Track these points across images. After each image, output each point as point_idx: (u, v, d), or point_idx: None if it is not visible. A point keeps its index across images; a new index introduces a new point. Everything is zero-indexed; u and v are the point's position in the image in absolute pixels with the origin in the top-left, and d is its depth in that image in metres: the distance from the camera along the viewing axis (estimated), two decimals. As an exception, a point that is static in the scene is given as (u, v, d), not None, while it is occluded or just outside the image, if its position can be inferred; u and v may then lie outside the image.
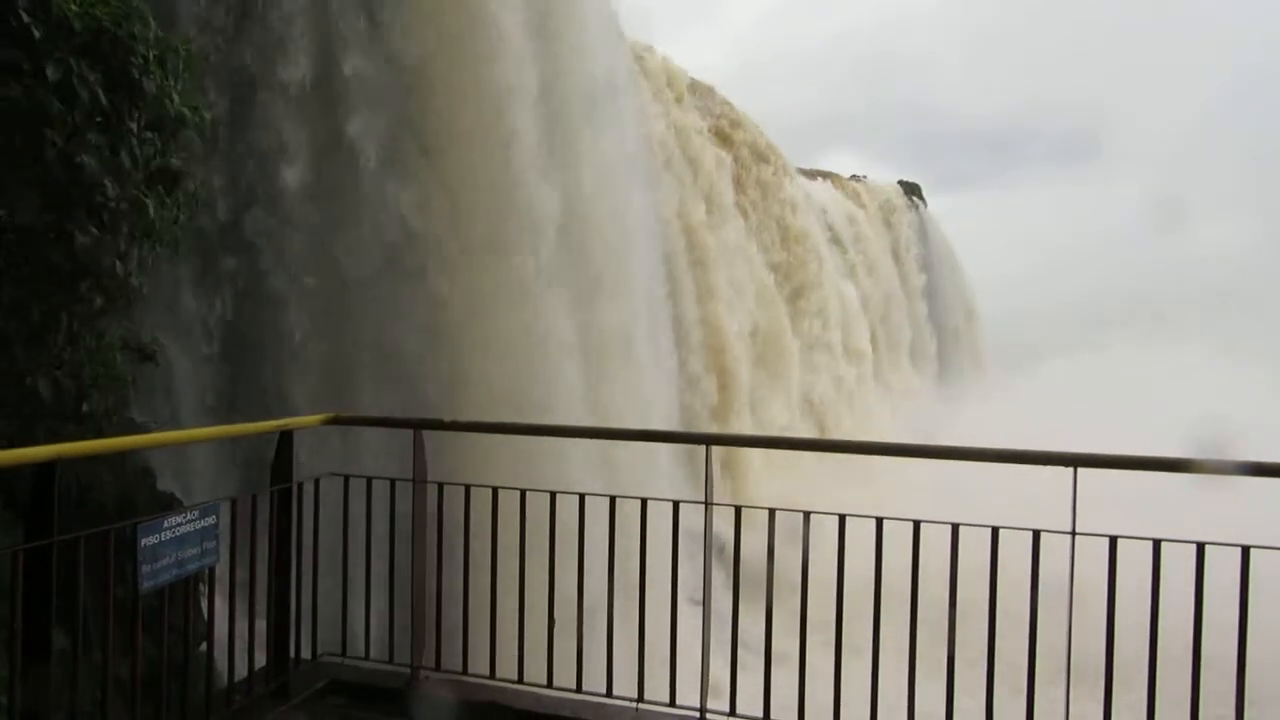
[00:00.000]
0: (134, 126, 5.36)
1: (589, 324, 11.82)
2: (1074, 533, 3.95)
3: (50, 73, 4.85)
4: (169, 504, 7.18)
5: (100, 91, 5.05)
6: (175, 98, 5.61)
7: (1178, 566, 3.83)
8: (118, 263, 5.39)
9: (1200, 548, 3.81)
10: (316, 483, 4.93)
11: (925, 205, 40.58)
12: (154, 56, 5.47)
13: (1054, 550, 4.01)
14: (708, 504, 4.57)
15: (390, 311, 10.07)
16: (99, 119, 5.14)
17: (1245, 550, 3.79)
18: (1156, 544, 3.90)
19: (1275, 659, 3.78)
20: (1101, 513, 3.90)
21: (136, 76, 5.32)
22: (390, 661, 5.00)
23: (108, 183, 5.13)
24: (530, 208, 10.80)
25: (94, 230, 5.18)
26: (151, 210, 5.50)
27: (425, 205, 10.06)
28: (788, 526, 4.33)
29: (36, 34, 4.86)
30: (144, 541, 3.80)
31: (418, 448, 4.90)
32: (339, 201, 9.81)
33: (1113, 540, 3.95)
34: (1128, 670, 3.95)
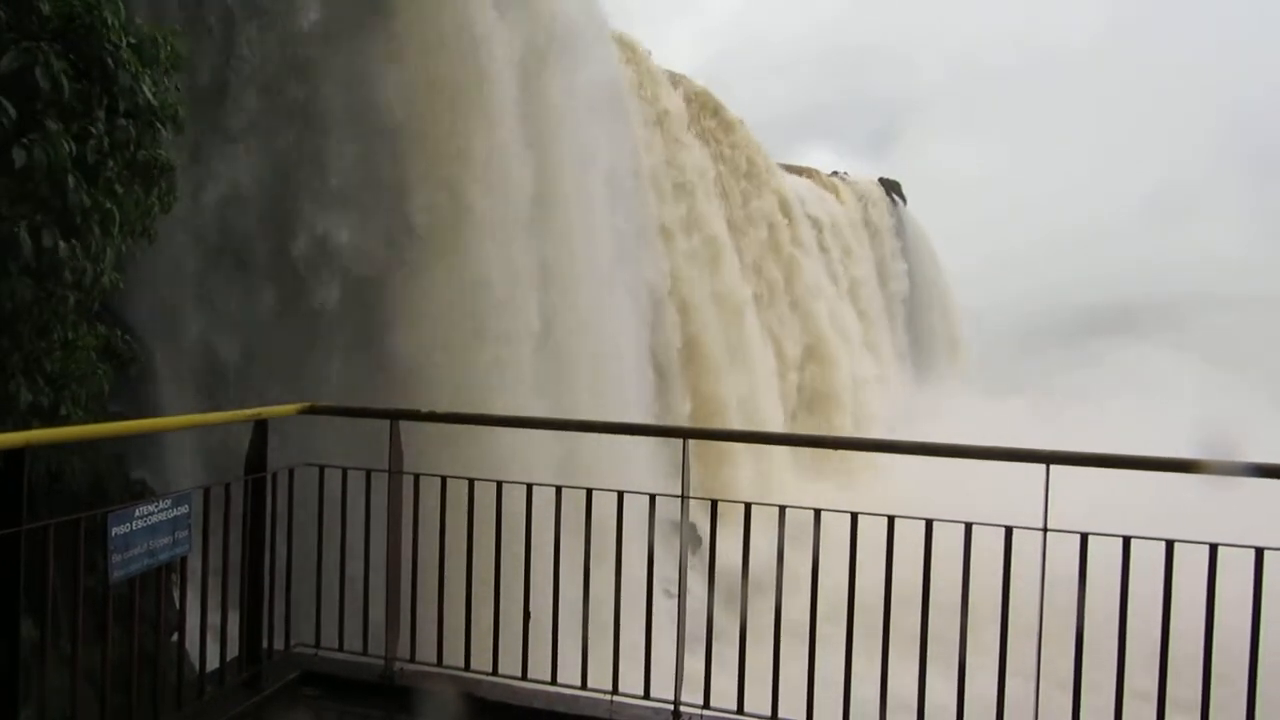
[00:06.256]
0: (102, 114, 5.27)
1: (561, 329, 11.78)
2: (1045, 529, 4.00)
3: (8, 61, 4.75)
4: (141, 492, 7.13)
5: (65, 80, 4.94)
6: (148, 89, 5.51)
7: (1154, 564, 3.89)
8: (89, 265, 5.31)
9: (1169, 545, 3.87)
10: (291, 472, 4.90)
11: (905, 203, 40.75)
12: (129, 44, 5.38)
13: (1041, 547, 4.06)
14: (684, 497, 4.58)
15: (376, 307, 10.05)
16: (60, 108, 5.02)
17: (1213, 548, 3.85)
18: (1126, 540, 3.95)
19: (1242, 652, 3.83)
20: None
21: (110, 65, 5.22)
22: (364, 653, 4.97)
23: (70, 179, 5.01)
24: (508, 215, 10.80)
25: (55, 237, 5.06)
26: (116, 212, 5.41)
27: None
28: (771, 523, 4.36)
29: (1, 16, 4.78)
30: (115, 530, 3.76)
31: (394, 438, 4.88)
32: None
33: (1084, 537, 4.00)
34: (1099, 662, 4.01)
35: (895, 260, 37.31)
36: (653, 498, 4.61)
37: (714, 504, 4.56)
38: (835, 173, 36.93)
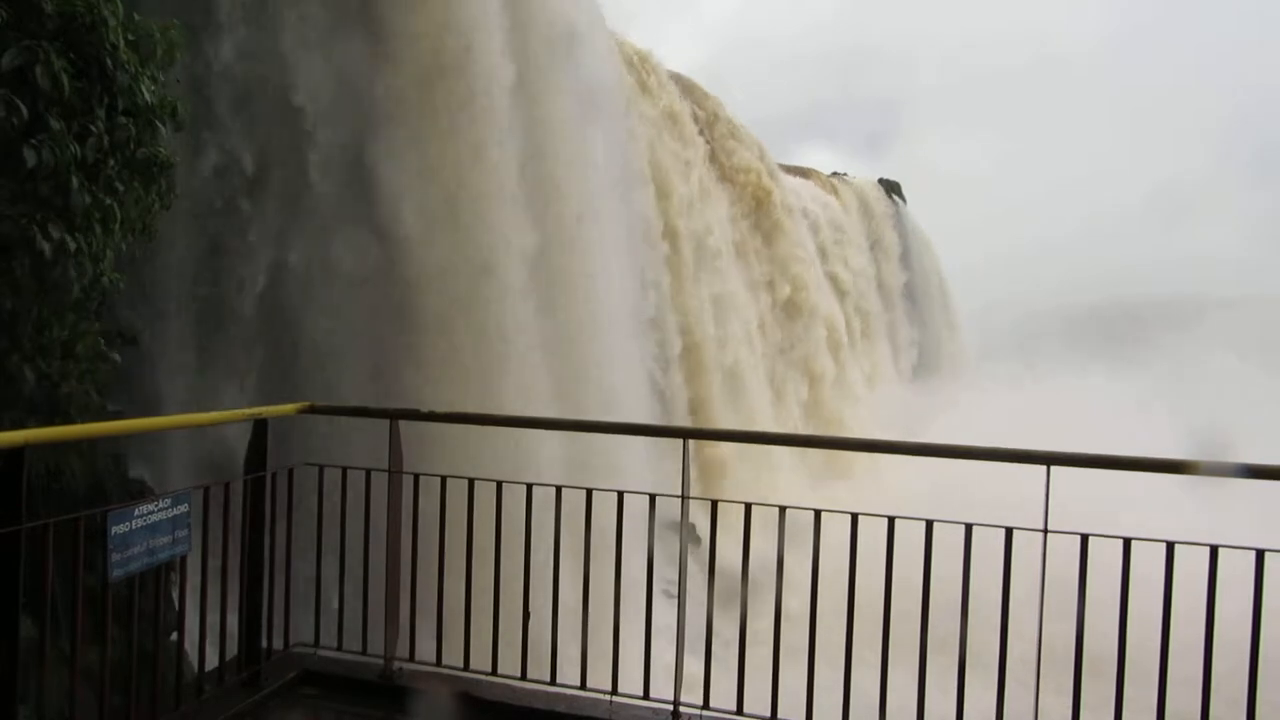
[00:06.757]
0: (102, 114, 5.27)
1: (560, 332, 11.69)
2: (1045, 530, 4.00)
3: (8, 60, 4.75)
4: (140, 491, 7.12)
5: (66, 78, 4.94)
6: (147, 87, 5.50)
7: (1155, 565, 3.89)
8: (89, 264, 5.31)
9: (1170, 546, 3.87)
10: (290, 472, 4.89)
11: (905, 203, 40.74)
12: (127, 42, 5.38)
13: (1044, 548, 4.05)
14: (684, 498, 4.57)
15: (372, 309, 10.02)
16: (61, 106, 5.01)
17: (1214, 549, 3.84)
18: (1127, 542, 3.95)
19: (1242, 654, 3.82)
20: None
21: (109, 64, 5.22)
22: (363, 652, 4.97)
23: (73, 177, 5.01)
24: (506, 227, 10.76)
25: (62, 232, 5.06)
26: (117, 209, 5.41)
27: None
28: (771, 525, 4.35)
29: (4, 15, 4.78)
30: (114, 529, 3.76)
31: (394, 438, 4.87)
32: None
33: (1084, 538, 3.99)
34: (1099, 664, 4.01)
35: (895, 262, 37.28)
36: (653, 498, 4.60)
37: (714, 504, 4.56)
38: (835, 173, 36.90)
